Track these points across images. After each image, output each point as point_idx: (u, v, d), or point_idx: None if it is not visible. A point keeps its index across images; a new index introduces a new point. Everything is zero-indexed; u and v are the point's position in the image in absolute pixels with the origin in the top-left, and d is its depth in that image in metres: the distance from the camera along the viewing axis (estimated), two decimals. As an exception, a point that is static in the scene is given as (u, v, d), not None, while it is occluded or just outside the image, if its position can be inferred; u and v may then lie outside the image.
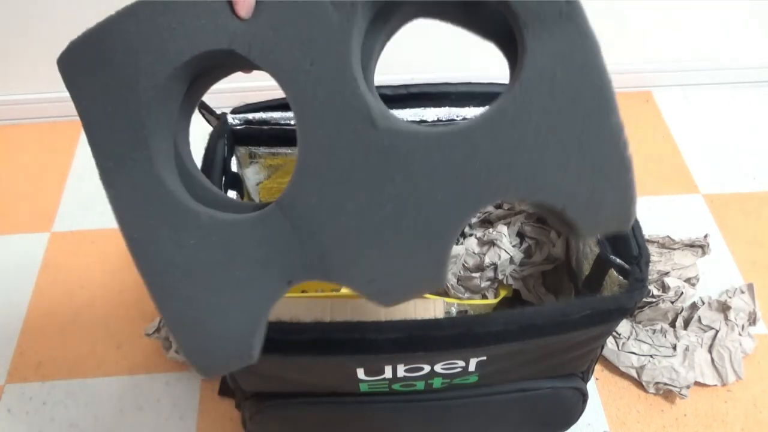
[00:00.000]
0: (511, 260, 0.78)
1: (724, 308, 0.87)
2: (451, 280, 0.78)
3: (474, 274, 0.77)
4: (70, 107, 0.42)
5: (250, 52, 0.40)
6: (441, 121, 0.71)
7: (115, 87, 0.41)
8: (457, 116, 0.70)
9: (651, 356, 0.83)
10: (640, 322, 0.87)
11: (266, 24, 0.40)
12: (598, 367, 0.86)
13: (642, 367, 0.83)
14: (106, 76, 0.41)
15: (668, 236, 0.92)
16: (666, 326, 0.86)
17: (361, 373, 0.56)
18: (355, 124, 0.40)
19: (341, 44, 0.39)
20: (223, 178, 0.66)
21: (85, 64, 0.41)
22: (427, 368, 0.57)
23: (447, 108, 0.70)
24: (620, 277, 0.59)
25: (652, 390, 0.83)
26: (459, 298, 0.78)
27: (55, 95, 1.17)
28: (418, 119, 0.70)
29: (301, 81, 0.40)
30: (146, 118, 0.41)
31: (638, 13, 1.11)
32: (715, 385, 0.83)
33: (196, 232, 0.41)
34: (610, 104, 0.39)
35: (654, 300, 0.86)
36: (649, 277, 0.71)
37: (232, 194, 0.68)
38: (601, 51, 0.39)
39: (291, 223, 0.41)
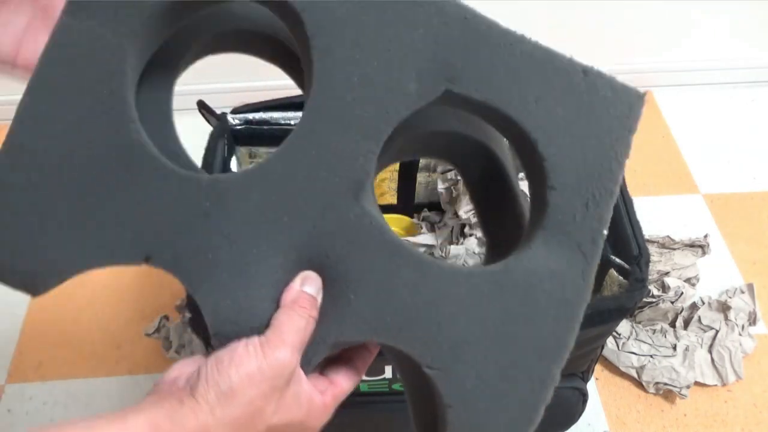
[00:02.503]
0: (511, 260, 0.78)
1: (724, 308, 0.87)
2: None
3: (474, 274, 0.77)
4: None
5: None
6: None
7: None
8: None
9: (651, 356, 0.83)
10: (640, 322, 0.87)
11: None
12: (598, 367, 0.86)
13: (642, 367, 0.83)
14: None
15: (668, 236, 0.92)
16: (666, 326, 0.86)
17: (361, 373, 0.56)
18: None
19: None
20: (223, 178, 0.66)
21: None
22: (427, 368, 0.57)
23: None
24: (620, 277, 0.58)
25: (652, 390, 0.83)
26: (459, 298, 0.78)
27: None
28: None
29: None
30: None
31: (639, 13, 1.11)
32: (715, 385, 0.83)
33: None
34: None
35: (654, 300, 0.85)
36: (649, 277, 0.71)
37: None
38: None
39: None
